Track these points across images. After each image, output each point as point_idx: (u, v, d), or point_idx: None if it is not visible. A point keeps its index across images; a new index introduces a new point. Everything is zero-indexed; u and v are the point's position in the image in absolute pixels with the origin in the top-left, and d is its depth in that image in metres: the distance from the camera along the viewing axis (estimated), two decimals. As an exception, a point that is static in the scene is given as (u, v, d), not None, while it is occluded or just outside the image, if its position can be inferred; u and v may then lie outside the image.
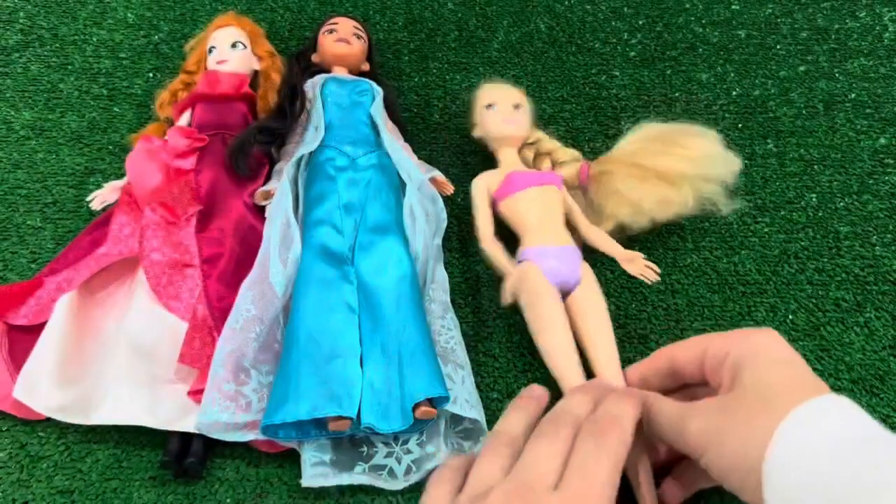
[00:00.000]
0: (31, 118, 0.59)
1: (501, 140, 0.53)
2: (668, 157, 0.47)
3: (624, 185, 0.48)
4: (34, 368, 0.41)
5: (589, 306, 0.44)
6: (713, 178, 0.48)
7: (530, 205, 0.48)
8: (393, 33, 0.68)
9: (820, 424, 0.27)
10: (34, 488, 0.40)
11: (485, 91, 0.55)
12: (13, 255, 0.51)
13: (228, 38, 0.57)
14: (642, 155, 0.48)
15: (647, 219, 0.48)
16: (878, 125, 0.57)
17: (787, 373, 0.30)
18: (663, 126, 0.50)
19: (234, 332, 0.42)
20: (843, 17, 0.65)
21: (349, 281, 0.44)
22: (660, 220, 0.49)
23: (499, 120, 0.52)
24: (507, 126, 0.52)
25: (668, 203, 0.47)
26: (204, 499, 0.40)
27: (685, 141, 0.47)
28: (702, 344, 0.34)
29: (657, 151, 0.48)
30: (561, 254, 0.46)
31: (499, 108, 0.53)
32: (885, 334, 0.46)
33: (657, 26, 0.66)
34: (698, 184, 0.48)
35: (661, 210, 0.48)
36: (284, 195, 0.49)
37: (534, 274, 0.44)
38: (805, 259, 0.50)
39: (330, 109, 0.54)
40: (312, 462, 0.39)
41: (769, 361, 0.30)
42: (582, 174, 0.51)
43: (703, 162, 0.47)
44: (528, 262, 0.45)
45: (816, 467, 0.26)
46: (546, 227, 0.47)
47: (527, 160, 0.54)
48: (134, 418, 0.40)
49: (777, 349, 0.31)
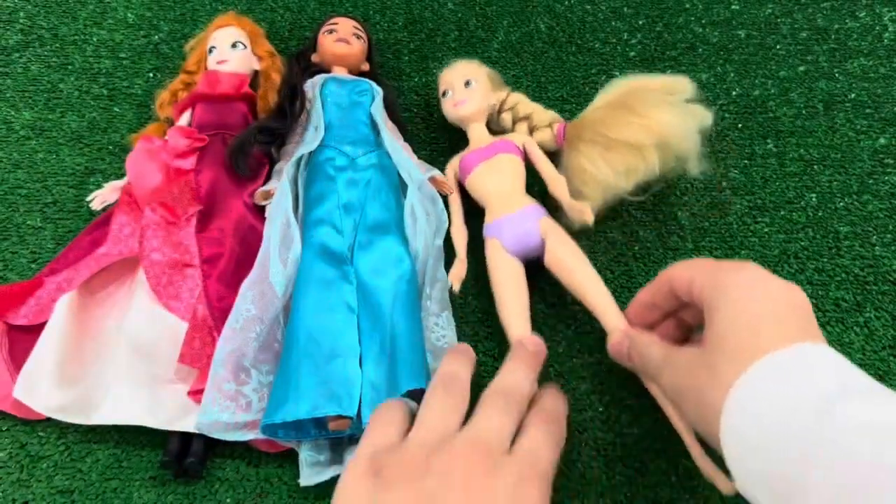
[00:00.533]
0: (31, 118, 0.59)
1: (460, 121, 0.54)
2: (629, 127, 0.47)
3: (589, 161, 0.48)
4: (34, 368, 0.41)
5: (563, 264, 0.44)
6: (678, 143, 0.48)
7: (483, 181, 0.49)
8: (393, 33, 0.68)
9: (777, 380, 0.26)
10: (34, 488, 0.40)
11: (440, 78, 0.56)
12: (13, 255, 0.51)
13: (228, 38, 0.57)
14: (606, 124, 0.48)
15: (614, 192, 0.48)
16: (878, 125, 0.57)
17: (756, 319, 0.29)
18: (629, 86, 0.50)
19: (234, 332, 0.42)
20: (843, 17, 0.65)
21: (349, 281, 0.44)
22: (629, 188, 0.49)
23: (450, 106, 0.54)
24: (457, 109, 0.53)
25: (633, 171, 0.47)
26: (204, 499, 0.40)
27: (647, 110, 0.47)
28: (690, 271, 0.34)
29: (621, 121, 0.47)
30: (514, 219, 0.46)
31: (452, 92, 0.54)
32: (885, 334, 0.46)
33: (657, 26, 0.66)
34: (665, 147, 0.47)
35: (627, 179, 0.48)
36: (284, 195, 0.49)
37: (491, 249, 0.46)
38: (805, 259, 0.50)
39: (329, 109, 0.54)
40: (310, 462, 0.40)
41: (740, 305, 0.29)
42: (558, 136, 0.52)
43: (665, 131, 0.46)
44: (488, 238, 0.47)
45: (768, 427, 0.25)
46: (500, 197, 0.48)
47: (506, 125, 0.55)
48: (134, 418, 0.40)
49: (752, 290, 0.30)
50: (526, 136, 0.52)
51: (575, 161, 0.49)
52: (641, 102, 0.48)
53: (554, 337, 0.47)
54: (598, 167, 0.48)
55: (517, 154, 0.50)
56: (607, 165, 0.47)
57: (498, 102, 0.55)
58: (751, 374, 0.27)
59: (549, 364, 0.45)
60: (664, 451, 0.41)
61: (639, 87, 0.50)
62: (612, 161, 0.47)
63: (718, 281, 0.31)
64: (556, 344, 0.46)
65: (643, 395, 0.44)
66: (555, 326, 0.47)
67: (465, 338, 0.46)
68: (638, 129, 0.47)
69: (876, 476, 0.22)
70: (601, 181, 0.48)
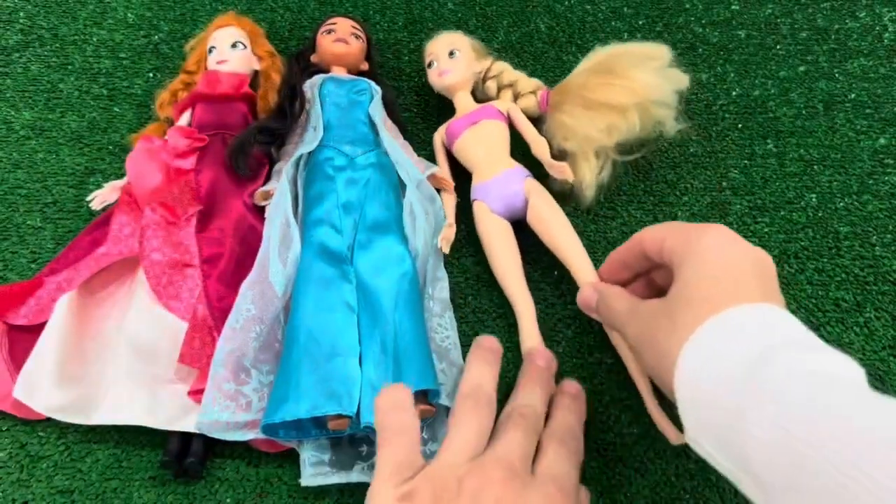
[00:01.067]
0: (31, 118, 0.59)
1: (446, 91, 0.55)
2: (611, 88, 0.49)
3: (571, 117, 0.50)
4: (34, 368, 0.41)
5: (544, 223, 0.46)
6: (657, 104, 0.49)
7: (468, 146, 0.51)
8: (393, 33, 0.68)
9: (730, 334, 0.27)
10: (34, 488, 0.40)
11: (425, 49, 0.57)
12: (13, 255, 0.51)
13: (228, 38, 0.57)
14: (589, 88, 0.50)
15: (597, 146, 0.50)
16: (878, 125, 0.57)
17: (719, 276, 0.29)
18: (609, 52, 0.51)
19: (234, 332, 0.42)
20: (843, 17, 0.65)
21: (348, 280, 0.44)
22: (611, 144, 0.50)
23: (435, 76, 0.55)
24: (442, 78, 0.55)
25: (615, 129, 0.49)
26: (204, 499, 0.40)
27: (627, 72, 0.49)
28: (662, 233, 0.35)
29: (602, 84, 0.49)
30: (500, 181, 0.48)
31: (437, 62, 0.55)
32: (885, 334, 0.46)
33: (657, 26, 0.66)
34: (645, 108, 0.49)
35: (609, 136, 0.49)
36: (283, 195, 0.49)
37: (479, 212, 0.48)
38: (805, 259, 0.50)
39: (328, 109, 0.54)
40: (311, 462, 0.40)
41: (706, 261, 0.30)
42: (542, 102, 0.53)
43: (644, 91, 0.48)
44: (475, 201, 0.49)
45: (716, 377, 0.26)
46: (486, 161, 0.50)
47: (490, 93, 0.56)
48: (134, 418, 0.40)
49: (719, 249, 0.31)
50: (510, 103, 0.54)
51: (558, 119, 0.51)
52: (622, 65, 0.50)
53: (554, 337, 0.47)
54: (579, 121, 0.50)
55: (501, 120, 0.52)
56: (590, 122, 0.49)
57: (483, 71, 0.56)
58: (706, 326, 0.28)
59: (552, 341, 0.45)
60: (664, 451, 0.41)
61: (620, 52, 0.51)
62: (594, 119, 0.49)
63: (688, 239, 0.32)
64: (556, 344, 0.46)
65: (643, 395, 0.44)
66: (555, 326, 0.47)
67: (465, 337, 0.46)
68: (619, 90, 0.49)
69: (810, 420, 0.23)
70: (583, 135, 0.50)
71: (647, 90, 0.48)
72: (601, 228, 0.52)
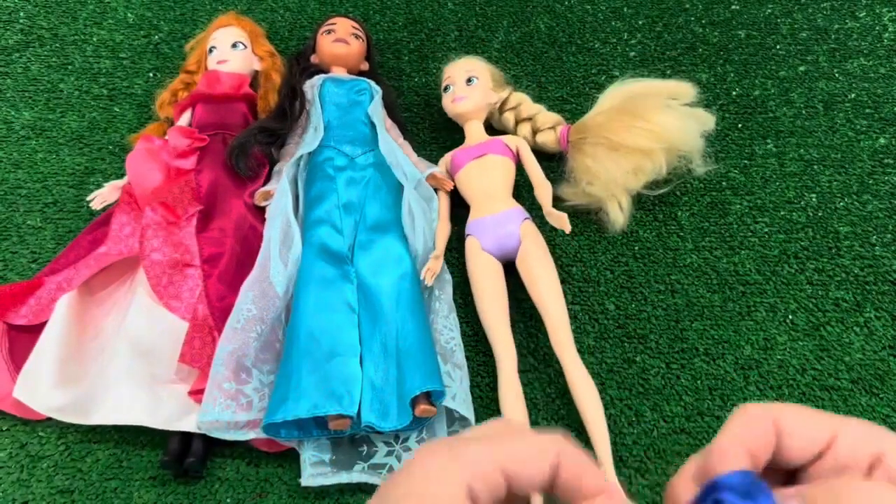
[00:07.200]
0: (31, 118, 0.59)
1: (458, 118, 0.54)
2: (633, 131, 0.48)
3: (595, 161, 0.49)
4: (34, 368, 0.41)
5: (532, 273, 0.45)
6: (681, 147, 0.49)
7: (470, 179, 0.50)
8: (393, 33, 0.68)
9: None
10: (34, 488, 0.40)
11: (443, 72, 0.56)
12: (13, 255, 0.51)
13: (229, 38, 0.57)
14: (611, 129, 0.49)
15: (622, 189, 0.49)
16: (878, 125, 0.57)
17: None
18: (631, 89, 0.50)
19: (235, 332, 0.42)
20: (843, 17, 0.65)
21: (349, 280, 0.44)
22: (636, 188, 0.49)
23: (448, 102, 0.54)
24: (456, 105, 0.53)
25: (641, 171, 0.48)
26: (204, 499, 0.40)
27: (649, 114, 0.48)
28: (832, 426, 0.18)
29: (624, 126, 0.48)
30: (496, 220, 0.47)
31: (453, 87, 0.54)
32: (885, 334, 0.46)
33: (657, 26, 0.66)
34: (670, 151, 0.48)
35: (636, 179, 0.48)
36: (284, 195, 0.49)
37: (471, 249, 0.47)
38: (805, 259, 0.50)
39: (328, 109, 0.54)
40: (312, 461, 0.40)
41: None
42: (562, 139, 0.52)
43: (667, 136, 0.47)
44: (469, 237, 0.48)
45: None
46: (485, 197, 0.49)
47: (508, 124, 0.55)
48: (134, 418, 0.40)
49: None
50: (520, 140, 0.52)
51: (581, 161, 0.50)
52: (644, 107, 0.48)
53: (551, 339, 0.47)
54: (604, 166, 0.48)
55: (509, 156, 0.51)
56: (615, 164, 0.48)
57: (499, 101, 0.55)
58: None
59: (549, 364, 0.45)
60: (664, 451, 0.41)
61: (640, 91, 0.50)
62: (618, 161, 0.48)
63: None
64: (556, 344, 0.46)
65: (643, 395, 0.44)
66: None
67: (465, 337, 0.46)
68: (642, 133, 0.47)
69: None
70: (607, 179, 0.48)
71: (669, 135, 0.47)
72: (601, 228, 0.52)
